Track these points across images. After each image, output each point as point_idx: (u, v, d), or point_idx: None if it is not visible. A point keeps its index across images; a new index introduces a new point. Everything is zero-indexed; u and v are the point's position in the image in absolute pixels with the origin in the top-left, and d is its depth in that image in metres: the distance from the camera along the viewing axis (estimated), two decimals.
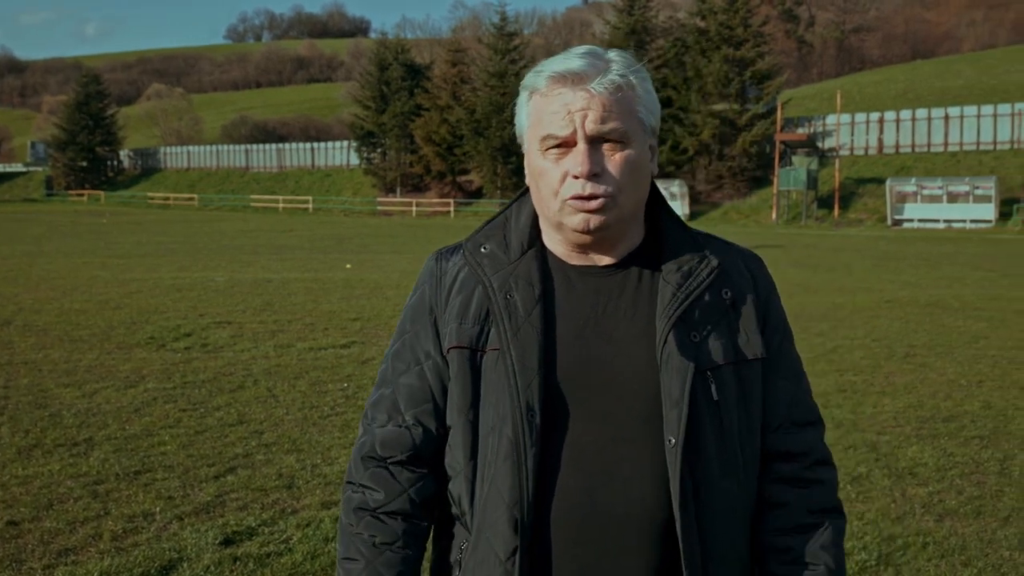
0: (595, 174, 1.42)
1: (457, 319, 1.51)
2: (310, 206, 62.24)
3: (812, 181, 45.50)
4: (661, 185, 35.39)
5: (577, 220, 1.44)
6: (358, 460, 1.57)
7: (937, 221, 42.70)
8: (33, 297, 14.25)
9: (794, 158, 48.01)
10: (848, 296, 15.07)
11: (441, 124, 56.39)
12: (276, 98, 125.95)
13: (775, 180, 46.74)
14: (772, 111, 50.15)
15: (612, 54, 1.48)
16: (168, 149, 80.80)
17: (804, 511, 1.53)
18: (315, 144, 73.37)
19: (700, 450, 1.43)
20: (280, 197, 64.19)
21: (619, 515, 1.42)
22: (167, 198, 67.86)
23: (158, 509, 5.03)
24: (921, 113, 50.57)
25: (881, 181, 45.95)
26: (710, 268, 1.51)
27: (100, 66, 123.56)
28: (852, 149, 51.31)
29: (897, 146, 50.83)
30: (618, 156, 1.43)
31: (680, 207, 46.38)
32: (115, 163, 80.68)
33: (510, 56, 57.24)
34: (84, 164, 77.39)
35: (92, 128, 77.02)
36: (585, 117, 1.41)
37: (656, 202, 1.58)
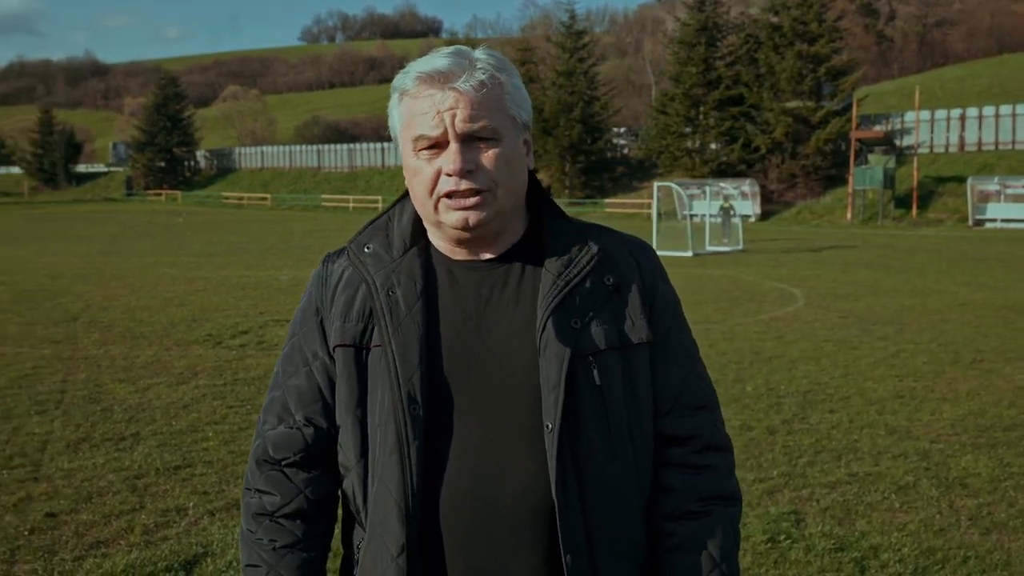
0: (468, 171, 1.43)
1: (341, 317, 1.52)
2: (380, 205, 62.83)
3: (889, 180, 44.16)
4: (731, 184, 34.78)
5: (455, 218, 1.45)
6: (253, 465, 1.57)
7: (1021, 221, 41.07)
8: (103, 294, 14.67)
9: (870, 156, 46.67)
10: (919, 299, 14.58)
11: None
12: (348, 98, 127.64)
13: (850, 179, 45.51)
14: (848, 108, 48.85)
15: (478, 53, 1.48)
16: (243, 149, 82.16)
17: (692, 497, 1.52)
18: (386, 144, 73.98)
19: (581, 435, 1.43)
20: (351, 197, 64.96)
21: (506, 505, 1.42)
22: (241, 198, 69.13)
23: (191, 504, 5.09)
24: (1005, 109, 48.64)
25: (962, 180, 44.36)
26: (590, 255, 1.50)
27: (178, 68, 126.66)
28: (932, 147, 49.66)
29: (980, 143, 49.02)
30: (491, 153, 1.44)
31: (751, 207, 45.52)
32: (192, 163, 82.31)
33: (579, 54, 56.95)
34: (162, 164, 79.05)
35: (170, 129, 78.65)
36: (454, 116, 1.42)
37: (537, 195, 1.57)
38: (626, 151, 59.49)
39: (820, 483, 5.54)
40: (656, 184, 28.21)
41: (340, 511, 1.60)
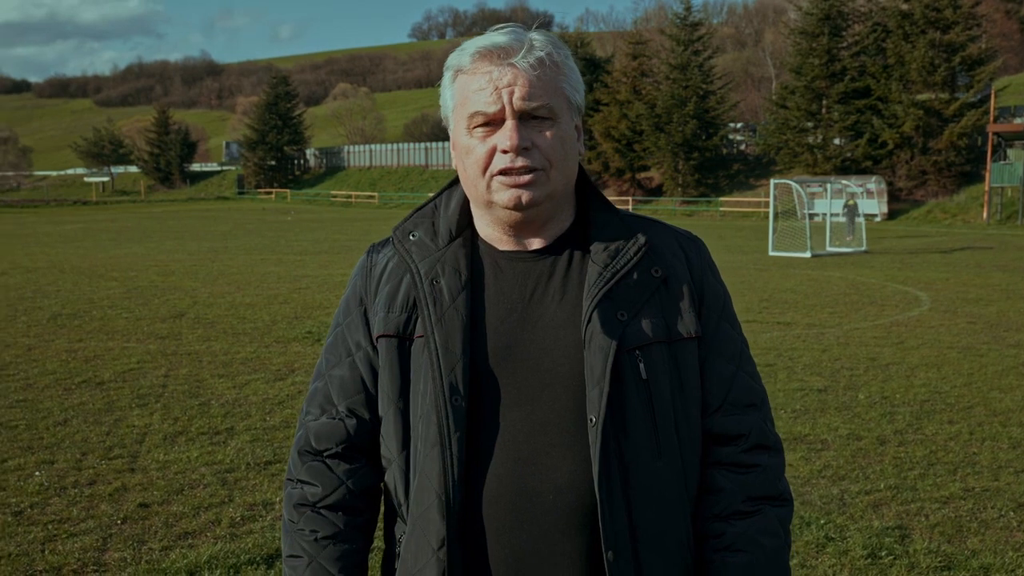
0: (524, 148, 1.40)
1: (385, 308, 1.51)
2: None
3: None
4: (856, 181, 33.53)
5: (507, 196, 1.43)
6: (295, 455, 1.56)
7: None
8: (209, 291, 15.17)
9: (1009, 151, 44.14)
10: None
11: (620, 119, 55.80)
12: None
13: (987, 176, 43.18)
14: (985, 100, 46.33)
15: (534, 33, 1.47)
16: (352, 148, 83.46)
17: (741, 497, 1.49)
18: None
19: (626, 429, 1.41)
20: None
21: (548, 500, 1.40)
22: (349, 196, 70.60)
23: (278, 499, 5.13)
24: None
25: None
26: (637, 246, 1.48)
27: (290, 67, 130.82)
28: None
29: None
30: (547, 132, 1.42)
31: (877, 205, 43.70)
32: (301, 162, 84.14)
33: (694, 47, 55.85)
34: (272, 163, 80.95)
35: (281, 128, 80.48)
36: (512, 93, 1.40)
37: (584, 185, 1.55)
38: (743, 147, 58.07)
39: (931, 497, 5.20)
40: (773, 181, 27.42)
41: (383, 504, 1.58)
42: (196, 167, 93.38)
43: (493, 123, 1.42)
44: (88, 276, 17.53)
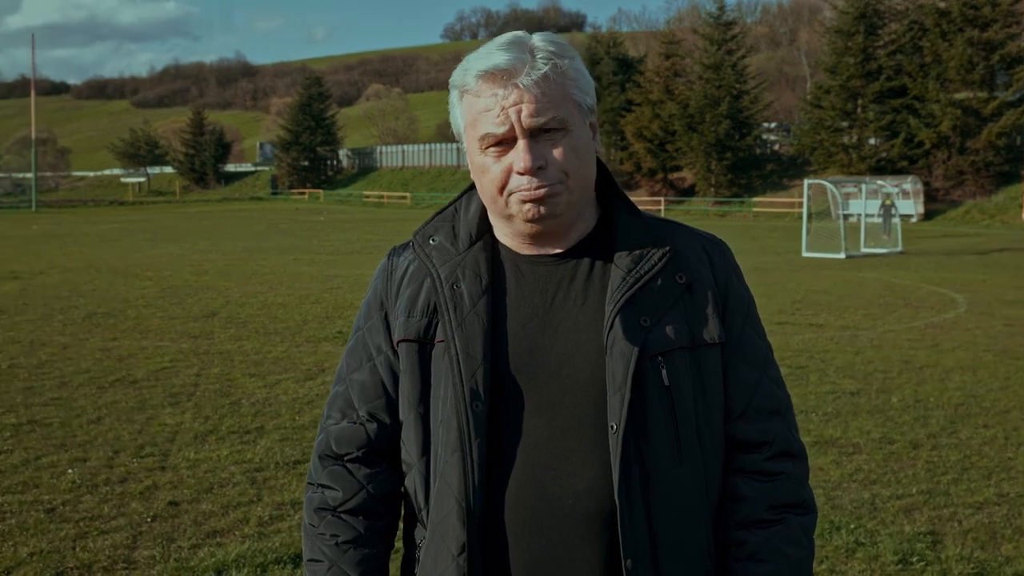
0: (539, 167, 1.40)
1: (405, 312, 1.50)
2: None
3: None
4: (891, 181, 33.10)
5: (527, 211, 1.42)
6: (316, 459, 1.57)
7: None
8: (242, 291, 15.31)
9: None
10: None
11: (653, 119, 55.53)
12: None
13: None
14: None
15: (536, 40, 1.44)
16: (384, 148, 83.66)
17: (764, 505, 1.47)
18: None
19: (648, 436, 1.40)
20: None
21: (568, 505, 1.39)
22: (381, 196, 70.81)
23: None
24: None
25: None
26: (662, 251, 1.47)
27: (324, 68, 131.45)
28: None
29: None
30: (560, 145, 1.41)
31: (913, 206, 43.11)
32: (334, 162, 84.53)
33: (727, 47, 55.44)
34: (306, 163, 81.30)
35: (314, 129, 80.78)
36: (520, 112, 1.39)
37: (608, 187, 1.54)
38: (776, 147, 57.58)
39: (964, 503, 5.12)
40: (807, 182, 27.16)
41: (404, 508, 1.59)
42: (230, 168, 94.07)
43: (505, 142, 1.41)
44: (123, 275, 17.76)
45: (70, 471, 5.63)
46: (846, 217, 25.91)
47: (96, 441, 6.28)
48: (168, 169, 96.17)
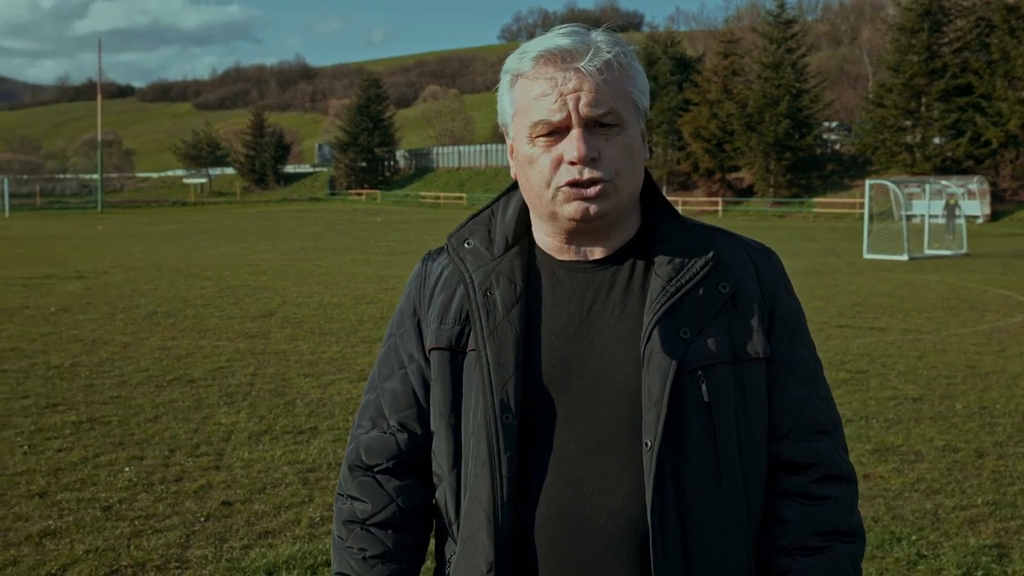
0: (592, 159, 1.33)
1: (438, 319, 1.46)
2: None
3: None
4: (956, 182, 32.36)
5: (574, 209, 1.36)
6: (345, 470, 1.53)
7: None
8: (298, 291, 15.48)
9: None
10: None
11: (711, 119, 54.99)
12: None
13: None
14: None
15: (597, 34, 1.39)
16: (440, 149, 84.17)
17: (809, 531, 1.40)
18: None
19: (685, 454, 1.34)
20: None
21: (600, 524, 1.33)
22: (438, 197, 71.10)
23: None
24: None
25: None
26: (704, 260, 1.40)
27: (381, 70, 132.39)
28: None
29: None
30: (614, 141, 1.35)
31: (979, 207, 42.01)
32: (391, 163, 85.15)
33: (787, 45, 54.65)
34: (363, 164, 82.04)
35: (371, 130, 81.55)
36: (578, 99, 1.32)
37: (650, 192, 1.47)
38: (837, 147, 56.60)
39: None
40: (869, 182, 26.65)
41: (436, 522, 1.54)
42: (290, 169, 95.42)
43: (557, 132, 1.35)
44: (184, 275, 18.10)
45: (127, 469, 5.72)
46: (909, 218, 25.37)
47: (153, 440, 6.38)
48: (229, 170, 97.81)
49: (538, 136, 1.36)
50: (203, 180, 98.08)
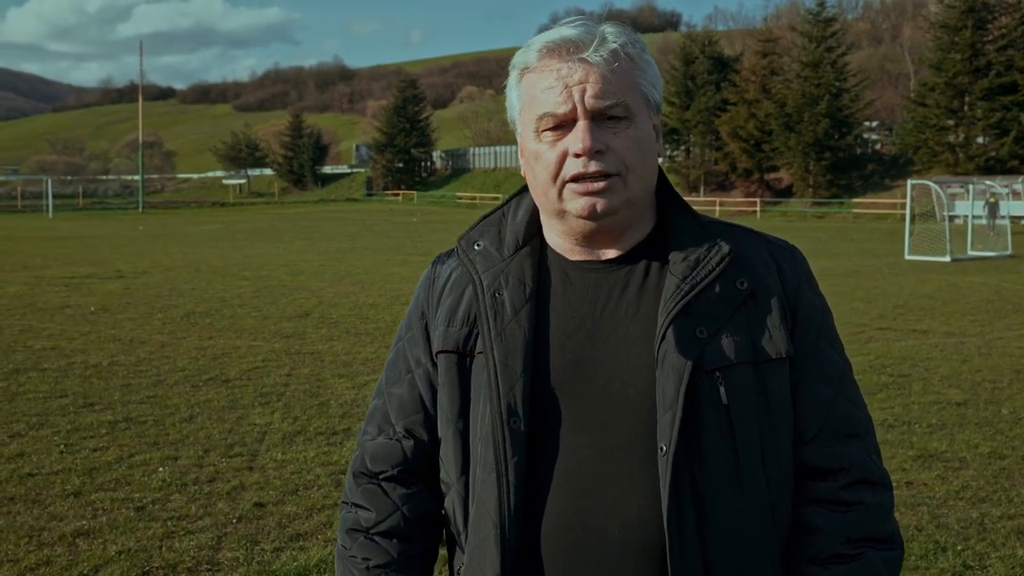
0: (598, 151, 1.29)
1: (445, 322, 1.41)
2: None
3: None
4: (1001, 182, 31.79)
5: (580, 204, 1.31)
6: (350, 477, 1.49)
7: None
8: (335, 291, 15.53)
9: None
10: None
11: (749, 119, 54.52)
12: None
13: None
14: None
15: (607, 24, 1.35)
16: (477, 150, 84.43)
17: (840, 538, 1.32)
18: None
19: (703, 460, 1.27)
20: None
21: (614, 536, 1.27)
22: (474, 198, 71.15)
23: None
24: None
25: None
26: (720, 255, 1.34)
27: (418, 71, 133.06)
28: None
29: None
30: (622, 134, 1.30)
31: None
32: (428, 164, 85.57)
33: (827, 44, 54.03)
34: (400, 165, 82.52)
35: (408, 131, 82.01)
36: (584, 91, 1.28)
37: (664, 189, 1.42)
38: (878, 147, 55.84)
39: None
40: (911, 182, 26.24)
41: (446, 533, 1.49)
42: (327, 169, 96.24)
43: (564, 125, 1.30)
44: (221, 275, 18.26)
45: (161, 469, 5.74)
46: (952, 219, 24.92)
47: (187, 440, 6.40)
48: (267, 171, 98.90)
49: (544, 130, 1.32)
50: (242, 181, 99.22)
